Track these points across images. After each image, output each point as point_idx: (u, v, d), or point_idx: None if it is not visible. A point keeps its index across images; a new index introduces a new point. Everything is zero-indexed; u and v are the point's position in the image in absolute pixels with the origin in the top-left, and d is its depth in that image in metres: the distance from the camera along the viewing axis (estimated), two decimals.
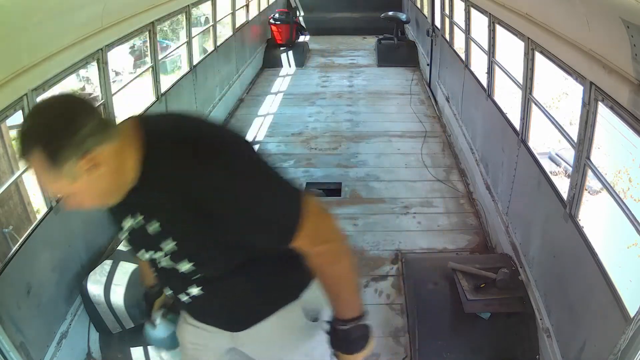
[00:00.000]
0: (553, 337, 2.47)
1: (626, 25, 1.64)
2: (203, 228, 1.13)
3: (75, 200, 1.10)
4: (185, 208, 1.10)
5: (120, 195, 1.14)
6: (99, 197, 1.12)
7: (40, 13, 2.18)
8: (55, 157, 1.00)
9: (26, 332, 2.20)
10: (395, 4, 10.03)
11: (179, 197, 1.10)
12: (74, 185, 1.05)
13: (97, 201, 1.13)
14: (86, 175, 1.04)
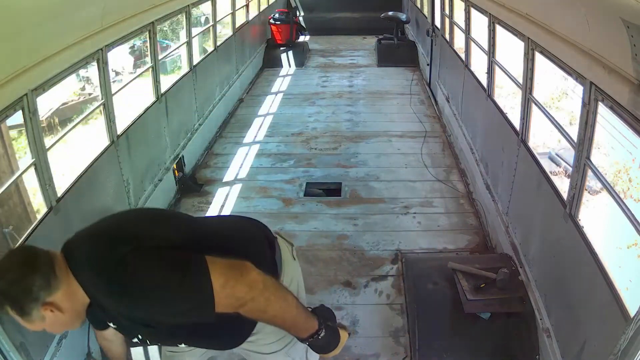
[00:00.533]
0: (553, 337, 2.47)
1: (626, 25, 1.64)
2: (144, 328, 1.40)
3: (54, 329, 1.33)
4: (123, 318, 1.37)
5: (83, 316, 1.37)
6: (70, 323, 1.34)
7: (40, 13, 2.18)
8: (22, 311, 1.25)
9: (26, 332, 2.19)
10: (395, 4, 10.04)
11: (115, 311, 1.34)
12: (47, 323, 1.29)
13: (70, 325, 1.35)
14: (53, 316, 1.27)
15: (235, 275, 1.27)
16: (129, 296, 1.25)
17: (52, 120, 8.18)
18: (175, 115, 4.43)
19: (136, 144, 3.53)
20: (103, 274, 1.26)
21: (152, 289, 1.25)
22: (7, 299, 1.24)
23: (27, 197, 4.62)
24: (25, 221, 4.39)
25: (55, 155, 2.69)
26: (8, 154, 4.74)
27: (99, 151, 3.11)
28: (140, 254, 1.27)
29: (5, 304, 1.24)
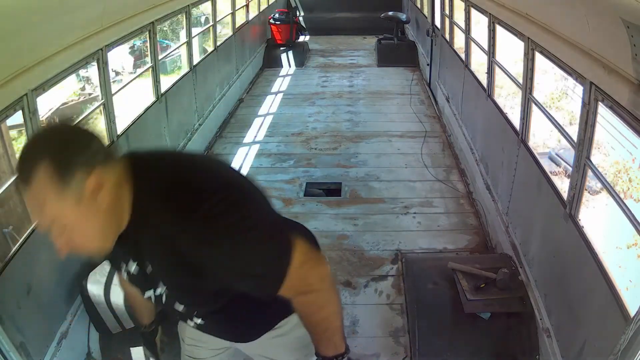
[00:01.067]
0: (553, 337, 2.47)
1: (626, 25, 1.64)
2: (190, 278, 1.14)
3: (69, 236, 1.04)
4: (173, 259, 1.11)
5: (112, 238, 1.11)
6: (94, 234, 1.07)
7: (40, 13, 2.18)
8: (64, 168, 0.96)
9: (26, 332, 2.20)
10: (395, 4, 10.04)
11: (168, 248, 1.09)
12: (74, 212, 1.00)
13: (91, 240, 1.08)
14: (89, 200, 1.00)
15: (313, 260, 1.19)
16: (210, 226, 1.06)
17: (52, 121, 8.17)
18: (175, 115, 4.43)
19: (136, 144, 3.52)
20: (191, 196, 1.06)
21: (241, 229, 1.08)
22: (51, 146, 0.97)
23: None
24: (25, 221, 4.39)
25: None
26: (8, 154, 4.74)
27: None
28: (239, 194, 1.13)
29: (46, 153, 0.96)
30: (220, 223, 1.06)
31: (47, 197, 0.98)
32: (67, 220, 1.01)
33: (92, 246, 1.09)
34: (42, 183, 0.96)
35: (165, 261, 1.15)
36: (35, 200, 1.00)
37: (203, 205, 1.05)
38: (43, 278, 2.43)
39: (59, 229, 1.02)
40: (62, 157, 0.97)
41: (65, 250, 1.05)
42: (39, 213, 1.01)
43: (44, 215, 1.01)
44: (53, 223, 1.01)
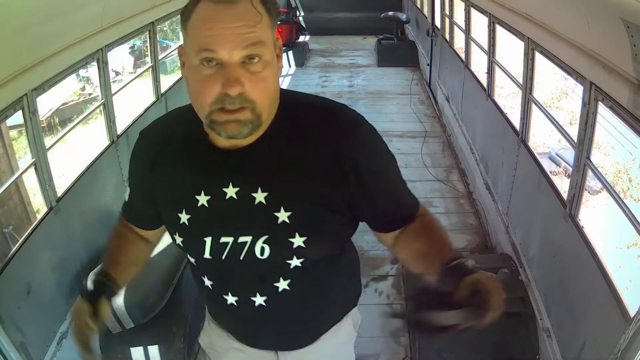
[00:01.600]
0: (553, 337, 2.47)
1: (626, 25, 1.64)
2: (333, 193, 1.01)
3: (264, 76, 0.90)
4: (325, 169, 0.99)
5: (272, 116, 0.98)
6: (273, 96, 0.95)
7: (40, 13, 2.18)
8: (273, 6, 0.92)
9: (26, 332, 2.20)
10: (395, 4, 10.03)
11: (326, 155, 0.99)
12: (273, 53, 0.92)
13: (270, 99, 0.94)
14: (276, 52, 0.93)
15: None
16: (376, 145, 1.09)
17: (52, 120, 8.18)
18: None
19: None
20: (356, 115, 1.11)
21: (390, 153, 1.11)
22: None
23: (27, 197, 4.62)
24: (25, 221, 4.40)
25: (56, 155, 2.70)
26: (8, 154, 4.74)
27: (99, 151, 3.11)
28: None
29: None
30: (380, 144, 1.09)
31: (264, 20, 0.89)
32: (268, 54, 0.90)
33: (266, 101, 0.93)
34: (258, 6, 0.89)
35: (311, 173, 1.00)
36: (250, 15, 0.88)
37: (366, 125, 1.08)
38: (43, 278, 2.43)
39: (259, 52, 0.89)
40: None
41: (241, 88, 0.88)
42: (250, 27, 0.87)
43: (256, 31, 0.88)
44: (257, 45, 0.87)
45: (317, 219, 1.02)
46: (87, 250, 2.82)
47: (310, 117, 1.02)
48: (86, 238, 2.84)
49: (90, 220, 2.91)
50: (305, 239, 1.02)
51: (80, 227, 2.79)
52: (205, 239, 1.05)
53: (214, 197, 1.02)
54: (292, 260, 1.05)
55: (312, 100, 1.09)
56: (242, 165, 1.00)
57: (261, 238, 1.02)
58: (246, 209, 1.00)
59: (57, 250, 2.56)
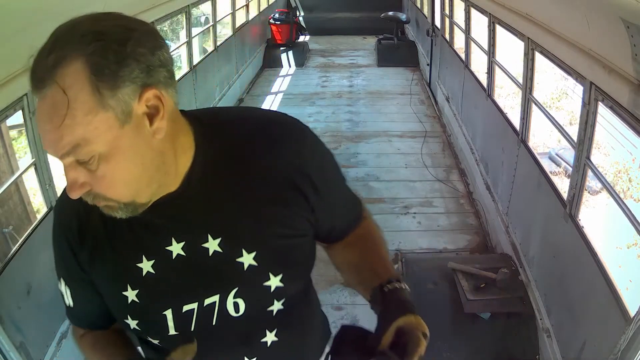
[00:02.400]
0: (553, 337, 2.47)
1: (626, 25, 1.64)
2: (293, 215, 0.86)
3: (96, 171, 0.70)
4: (278, 191, 0.84)
5: (154, 190, 0.77)
6: (134, 176, 0.73)
7: (40, 13, 2.18)
8: (109, 72, 0.66)
9: (26, 332, 2.20)
10: (395, 4, 10.04)
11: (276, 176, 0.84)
12: (113, 136, 0.68)
13: (127, 183, 0.73)
14: (137, 125, 0.70)
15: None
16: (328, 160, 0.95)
17: None
18: None
19: None
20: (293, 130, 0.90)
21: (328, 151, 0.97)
22: (95, 37, 0.68)
23: (27, 197, 4.62)
24: (25, 221, 4.40)
25: None
26: (8, 154, 4.74)
27: None
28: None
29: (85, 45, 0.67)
30: (323, 147, 0.95)
31: (77, 108, 0.66)
32: (100, 146, 0.68)
33: (125, 193, 0.74)
34: (72, 87, 0.65)
35: (264, 205, 0.83)
36: (58, 110, 0.66)
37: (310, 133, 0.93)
38: (43, 278, 2.43)
39: (83, 156, 0.69)
40: (107, 55, 0.66)
41: (83, 190, 0.71)
42: (58, 129, 0.66)
43: (66, 134, 0.67)
44: (76, 149, 0.68)
45: (288, 249, 0.87)
46: None
47: (245, 139, 0.84)
48: None
49: None
50: (281, 276, 0.87)
51: None
52: (165, 313, 0.86)
53: (159, 259, 0.83)
54: (273, 305, 0.90)
55: (244, 116, 0.91)
56: (180, 213, 0.81)
57: (230, 293, 0.85)
58: (202, 264, 0.83)
59: None
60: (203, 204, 0.82)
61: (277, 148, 0.84)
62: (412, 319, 0.86)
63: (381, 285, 0.93)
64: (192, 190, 0.81)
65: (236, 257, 0.83)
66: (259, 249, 0.84)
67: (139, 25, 0.73)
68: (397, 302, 0.91)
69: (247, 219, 0.83)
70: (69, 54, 0.66)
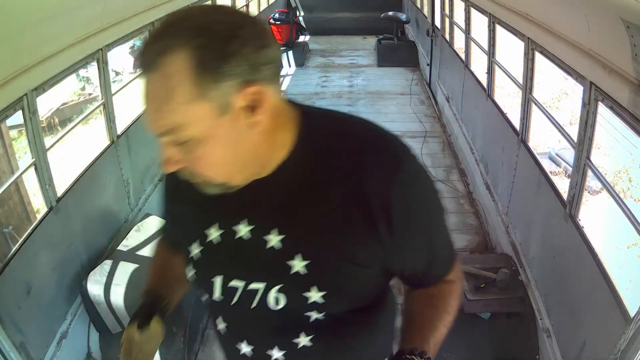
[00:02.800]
0: (553, 337, 2.47)
1: (626, 25, 1.64)
2: (359, 243, 0.84)
3: (192, 153, 0.75)
4: (353, 213, 0.82)
5: (247, 177, 0.82)
6: (228, 162, 0.77)
7: (40, 13, 2.18)
8: (212, 66, 0.69)
9: (26, 332, 2.20)
10: (395, 4, 10.03)
11: (356, 196, 0.81)
12: (211, 125, 0.72)
13: (221, 167, 0.78)
14: (236, 117, 0.73)
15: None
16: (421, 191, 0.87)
17: (52, 120, 8.18)
18: None
19: (136, 144, 3.53)
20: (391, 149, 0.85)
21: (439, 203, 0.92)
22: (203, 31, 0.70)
23: (27, 197, 4.63)
24: (25, 221, 4.40)
25: (56, 155, 2.69)
26: (8, 154, 4.74)
27: (99, 151, 3.11)
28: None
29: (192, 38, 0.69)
30: (422, 187, 0.88)
31: (177, 95, 0.70)
32: (196, 132, 0.72)
33: (218, 175, 0.78)
34: (176, 77, 0.69)
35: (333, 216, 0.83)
36: (159, 93, 0.71)
37: (410, 164, 0.85)
38: (43, 278, 2.43)
39: (179, 139, 0.73)
40: (213, 50, 0.69)
41: (177, 166, 0.77)
42: (158, 111, 0.71)
43: (164, 117, 0.71)
44: (172, 131, 0.72)
45: (340, 272, 0.86)
46: (87, 250, 2.83)
47: (342, 150, 0.83)
48: (86, 238, 2.84)
49: (90, 220, 2.91)
50: (324, 294, 0.86)
51: (80, 227, 2.79)
52: (214, 279, 0.92)
53: (226, 233, 0.89)
54: (312, 313, 0.90)
55: (350, 126, 0.88)
56: (258, 200, 0.85)
57: (275, 287, 0.88)
58: (258, 252, 0.86)
59: (57, 250, 2.56)
60: (282, 199, 0.84)
61: (366, 172, 0.82)
62: None
63: (402, 352, 0.90)
64: (277, 184, 0.83)
65: (289, 259, 0.85)
66: (313, 260, 0.85)
67: (249, 23, 0.73)
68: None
69: (315, 230, 0.84)
70: (175, 44, 0.69)
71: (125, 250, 2.82)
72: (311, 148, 0.83)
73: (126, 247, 2.84)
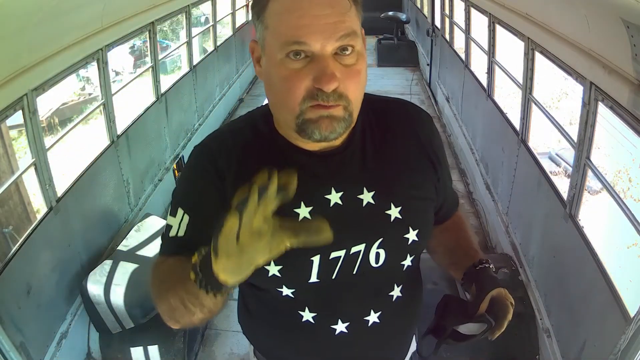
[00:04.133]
0: (553, 337, 2.47)
1: (626, 25, 1.64)
2: (427, 181, 0.98)
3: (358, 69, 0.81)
4: (416, 159, 0.97)
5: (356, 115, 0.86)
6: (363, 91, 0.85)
7: (40, 13, 2.18)
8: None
9: (26, 332, 2.20)
10: (395, 4, 10.03)
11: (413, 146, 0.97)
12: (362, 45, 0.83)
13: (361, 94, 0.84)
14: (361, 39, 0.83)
15: None
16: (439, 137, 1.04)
17: (52, 120, 8.18)
18: (175, 115, 4.43)
19: (136, 144, 3.53)
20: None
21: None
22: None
23: (27, 197, 4.62)
24: (25, 221, 4.40)
25: (56, 155, 2.69)
26: (8, 154, 4.74)
27: (99, 151, 3.12)
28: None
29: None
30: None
31: (354, 7, 0.81)
32: (359, 45, 0.82)
33: (360, 97, 0.85)
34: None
35: (410, 164, 0.96)
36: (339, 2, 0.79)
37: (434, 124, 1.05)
38: (43, 278, 2.43)
39: (353, 43, 0.80)
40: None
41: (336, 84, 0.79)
42: (339, 15, 0.78)
43: (347, 20, 0.79)
44: (351, 35, 0.79)
45: (423, 209, 0.98)
46: (87, 250, 2.83)
47: (389, 112, 0.99)
48: (86, 238, 2.84)
49: (90, 220, 2.92)
50: (417, 231, 0.95)
51: (80, 227, 2.79)
52: (313, 259, 0.90)
53: (317, 207, 0.89)
54: (406, 259, 0.98)
55: (382, 96, 1.04)
56: (341, 167, 0.91)
57: (375, 243, 0.92)
58: (355, 213, 0.90)
59: (57, 250, 2.56)
60: (360, 161, 0.93)
61: (414, 125, 0.99)
62: (502, 291, 1.05)
63: (474, 265, 1.05)
64: (352, 148, 0.92)
65: (385, 210, 0.93)
66: (404, 204, 0.94)
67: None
68: (489, 278, 1.05)
69: (395, 178, 0.94)
70: None
71: (125, 250, 2.82)
72: (368, 116, 0.95)
73: (126, 247, 2.84)
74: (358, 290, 0.96)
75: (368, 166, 0.92)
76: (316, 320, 0.97)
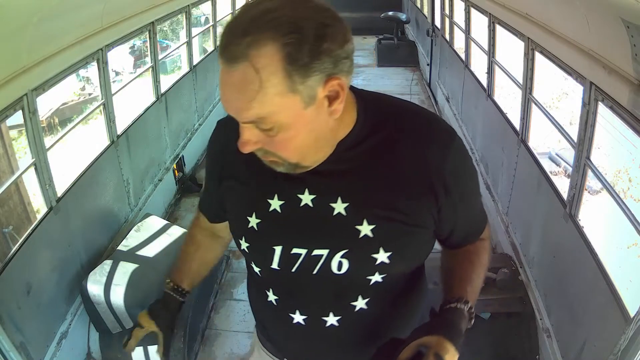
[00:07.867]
0: (553, 337, 2.47)
1: (626, 25, 1.64)
2: (420, 206, 0.92)
3: (273, 138, 0.80)
4: (413, 180, 0.91)
5: (322, 156, 0.88)
6: (306, 146, 0.83)
7: (40, 13, 2.18)
8: (303, 62, 0.73)
9: (26, 332, 2.20)
10: (395, 4, 10.02)
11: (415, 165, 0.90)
12: (295, 115, 0.77)
13: (299, 151, 0.84)
14: (319, 108, 0.79)
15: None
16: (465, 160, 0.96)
17: (52, 120, 8.19)
18: (175, 115, 4.43)
19: (136, 144, 3.53)
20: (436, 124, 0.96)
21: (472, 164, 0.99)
22: (294, 26, 0.73)
23: (27, 197, 4.63)
24: (25, 221, 4.40)
25: (56, 155, 2.69)
26: (8, 154, 4.75)
27: (99, 151, 3.12)
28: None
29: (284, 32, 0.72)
30: (468, 158, 0.97)
31: (269, 87, 0.74)
32: (282, 120, 0.78)
33: (294, 156, 0.85)
34: (267, 68, 0.73)
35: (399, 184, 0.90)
36: (250, 84, 0.74)
37: (459, 139, 0.95)
38: (43, 278, 2.43)
39: (265, 125, 0.79)
40: (305, 45, 0.73)
41: (255, 147, 0.83)
42: (248, 101, 0.75)
43: (254, 108, 0.76)
44: (260, 120, 0.78)
45: (404, 234, 0.93)
46: (87, 250, 2.83)
47: (398, 128, 0.91)
48: (86, 238, 2.84)
49: (90, 220, 2.91)
50: (390, 254, 0.92)
51: (80, 227, 2.79)
52: (275, 248, 0.95)
53: (288, 202, 0.93)
54: (374, 276, 0.95)
55: (403, 107, 0.97)
56: (320, 171, 0.90)
57: (339, 252, 0.92)
58: (323, 219, 0.91)
59: (57, 250, 2.56)
60: (343, 169, 0.91)
61: (423, 146, 0.91)
62: (434, 340, 0.89)
63: (447, 301, 0.98)
64: (338, 155, 0.90)
65: (356, 224, 0.91)
66: (379, 224, 0.91)
67: (333, 21, 0.77)
68: (440, 320, 0.95)
69: (377, 196, 0.91)
70: (265, 38, 0.72)
71: (125, 250, 2.82)
72: (369, 124, 0.90)
73: (126, 247, 2.84)
74: (317, 290, 0.98)
75: (351, 176, 0.91)
76: (278, 303, 1.04)
